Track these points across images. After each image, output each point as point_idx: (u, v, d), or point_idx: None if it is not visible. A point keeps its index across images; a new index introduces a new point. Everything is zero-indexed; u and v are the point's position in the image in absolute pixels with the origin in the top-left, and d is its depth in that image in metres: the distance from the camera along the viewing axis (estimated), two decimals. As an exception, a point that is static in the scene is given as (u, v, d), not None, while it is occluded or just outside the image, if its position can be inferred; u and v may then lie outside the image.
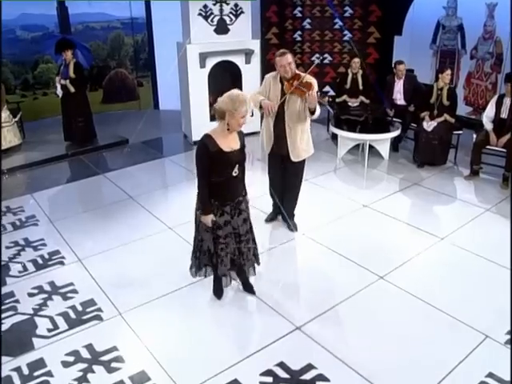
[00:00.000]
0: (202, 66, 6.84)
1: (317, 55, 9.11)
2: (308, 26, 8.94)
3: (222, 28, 6.86)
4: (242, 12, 6.91)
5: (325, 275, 4.09)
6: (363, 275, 4.04)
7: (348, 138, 6.34)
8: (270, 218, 4.94)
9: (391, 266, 4.13)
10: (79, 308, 3.79)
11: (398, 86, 6.76)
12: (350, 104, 7.00)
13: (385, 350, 3.24)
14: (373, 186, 5.89)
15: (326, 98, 4.33)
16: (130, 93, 9.69)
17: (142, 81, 9.67)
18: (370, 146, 6.44)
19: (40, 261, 4.45)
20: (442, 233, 4.65)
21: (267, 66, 8.94)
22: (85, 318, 3.67)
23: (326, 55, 9.09)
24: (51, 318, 3.66)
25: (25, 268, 4.34)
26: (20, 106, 7.60)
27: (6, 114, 6.82)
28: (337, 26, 8.85)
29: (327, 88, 9.01)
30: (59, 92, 6.76)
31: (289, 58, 4.12)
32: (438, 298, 3.71)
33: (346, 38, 8.85)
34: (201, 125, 7.19)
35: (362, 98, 6.99)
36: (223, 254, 3.43)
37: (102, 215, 5.23)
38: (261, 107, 4.26)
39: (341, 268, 4.19)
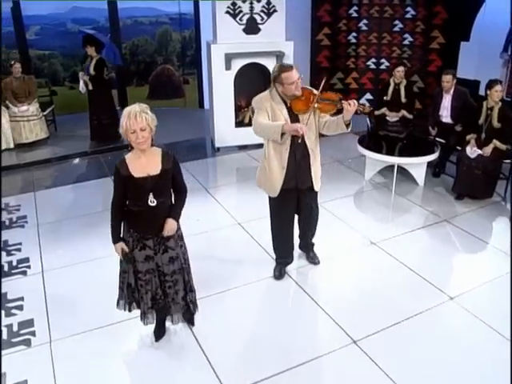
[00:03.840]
0: (228, 67, 6.35)
1: (373, 59, 8.24)
2: (364, 28, 8.08)
3: (251, 27, 6.31)
4: (275, 10, 6.30)
5: (290, 330, 3.42)
6: (334, 336, 3.34)
7: (375, 159, 5.51)
8: (279, 274, 3.97)
9: (372, 329, 3.38)
10: (15, 328, 3.53)
11: (446, 101, 5.77)
12: (388, 119, 6.14)
13: None
14: (393, 218, 5.04)
15: (367, 106, 3.33)
16: (175, 90, 9.48)
17: (188, 78, 9.41)
18: (404, 169, 5.58)
19: (6, 268, 4.27)
20: (453, 290, 3.78)
21: (315, 69, 8.30)
22: (15, 340, 3.41)
23: (382, 60, 8.18)
24: (-18, 337, 3.43)
25: (-12, 274, 4.18)
26: (53, 99, 7.65)
27: (34, 107, 6.86)
28: (396, 29, 7.90)
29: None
30: (82, 88, 6.65)
31: (296, 72, 3.36)
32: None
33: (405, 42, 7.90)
34: (225, 130, 6.78)
35: (403, 112, 6.09)
36: (143, 290, 3.02)
37: (88, 223, 4.96)
38: (283, 134, 3.31)
39: (311, 323, 3.52)
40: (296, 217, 3.93)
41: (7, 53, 7.96)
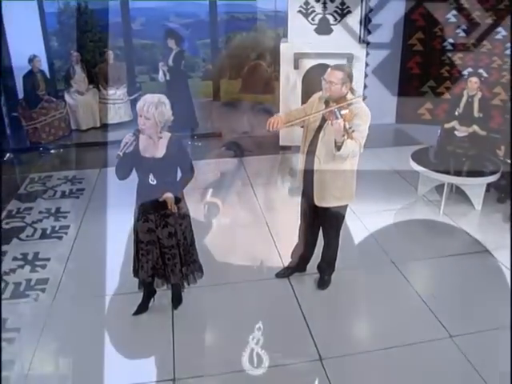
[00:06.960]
0: (296, 66, 6.32)
1: (469, 69, 7.54)
2: (462, 34, 7.42)
3: (323, 28, 6.20)
4: (349, 11, 6.11)
5: (261, 334, 3.38)
6: (303, 349, 3.26)
7: (425, 176, 5.10)
8: (283, 273, 4.03)
9: (347, 350, 3.23)
10: (32, 283, 4.00)
11: (522, 120, 5.12)
12: (456, 133, 5.60)
13: None
14: (428, 240, 4.60)
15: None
16: (266, 86, 9.62)
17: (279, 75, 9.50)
18: (461, 190, 5.09)
19: (48, 231, 4.80)
20: (457, 328, 3.40)
21: (405, 75, 7.85)
22: (27, 292, 3.87)
23: (480, 70, 7.43)
24: (7, 284, 3.93)
25: (33, 234, 4.74)
26: (146, 86, 8.27)
27: (121, 91, 7.51)
28: (499, 36, 7.14)
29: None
30: (160, 78, 7.10)
31: (338, 75, 3.24)
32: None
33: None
34: (290, 129, 6.70)
35: (475, 127, 5.50)
36: (144, 259, 3.31)
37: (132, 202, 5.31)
38: None
39: (285, 332, 3.43)
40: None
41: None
